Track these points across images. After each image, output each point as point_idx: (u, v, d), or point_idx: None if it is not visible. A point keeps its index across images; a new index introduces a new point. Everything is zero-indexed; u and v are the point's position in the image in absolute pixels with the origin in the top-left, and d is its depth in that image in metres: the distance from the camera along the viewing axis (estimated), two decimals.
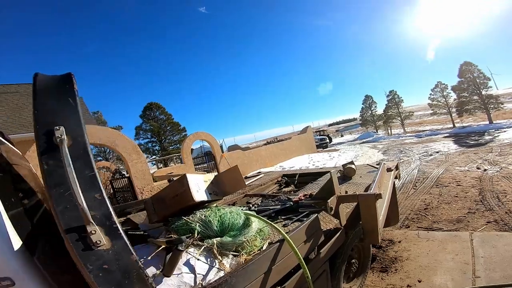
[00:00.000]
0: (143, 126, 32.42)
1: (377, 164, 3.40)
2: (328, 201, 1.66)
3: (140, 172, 6.06)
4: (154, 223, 1.96)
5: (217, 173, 4.21)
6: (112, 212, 0.85)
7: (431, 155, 10.40)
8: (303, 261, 1.41)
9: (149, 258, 1.25)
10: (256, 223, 1.61)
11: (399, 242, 3.39)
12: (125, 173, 7.87)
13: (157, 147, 32.86)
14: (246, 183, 4.02)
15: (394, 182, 2.95)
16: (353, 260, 2.27)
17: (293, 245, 1.38)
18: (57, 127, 0.84)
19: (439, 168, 7.56)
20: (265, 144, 19.82)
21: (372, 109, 36.29)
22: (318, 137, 26.58)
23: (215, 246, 1.41)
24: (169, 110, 33.96)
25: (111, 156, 23.63)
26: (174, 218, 1.71)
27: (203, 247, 1.40)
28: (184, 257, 1.30)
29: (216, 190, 1.80)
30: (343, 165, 3.12)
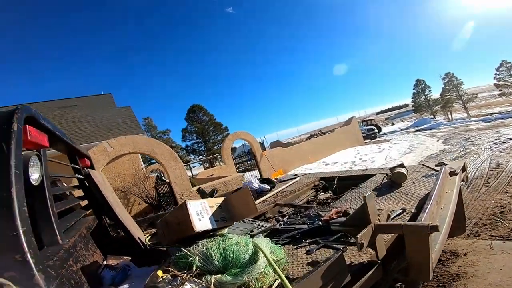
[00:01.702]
0: (188, 128, 34.11)
1: (436, 166, 2.77)
2: (358, 236, 1.26)
3: (178, 178, 6.16)
4: (167, 245, 1.80)
5: (259, 175, 3.94)
6: (36, 274, 0.70)
7: (505, 142, 8.70)
8: None
9: None
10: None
11: (465, 254, 2.72)
12: (166, 179, 8.16)
13: (202, 148, 34.30)
14: (281, 188, 3.71)
15: (460, 188, 2.33)
16: (398, 284, 1.81)
17: None
18: None
19: None
20: (308, 138, 19.10)
21: (426, 93, 32.88)
22: (365, 127, 24.76)
23: (212, 285, 1.16)
24: (211, 110, 35.18)
25: None
26: (179, 246, 1.52)
27: (198, 286, 1.16)
28: None
29: (225, 215, 1.54)
30: (391, 169, 2.59)
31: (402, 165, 2.55)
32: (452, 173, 2.38)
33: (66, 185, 2.07)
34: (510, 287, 2.07)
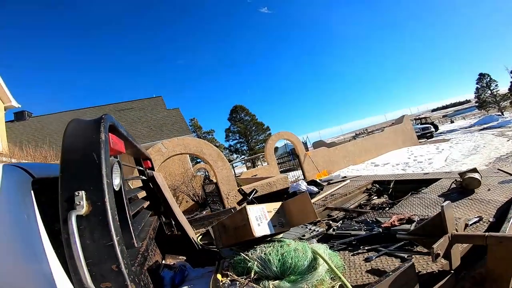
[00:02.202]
0: (231, 128, 35.08)
1: None
2: (434, 246, 1.14)
3: (225, 178, 6.35)
4: (222, 248, 1.85)
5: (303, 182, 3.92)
6: (129, 284, 0.70)
7: None
8: None
9: None
10: (325, 264, 1.26)
11: None
12: (213, 178, 8.48)
13: (245, 147, 34.99)
14: (330, 190, 3.58)
15: None
16: None
17: None
18: (77, 193, 0.72)
19: None
20: (353, 138, 18.21)
21: (492, 88, 29.11)
22: (419, 125, 22.69)
23: None
24: (252, 111, 35.74)
25: None
26: (236, 249, 1.55)
27: None
28: None
29: (282, 220, 1.52)
30: (461, 174, 2.31)
31: (475, 170, 2.26)
32: None
33: (131, 187, 2.27)
34: None
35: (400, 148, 15.13)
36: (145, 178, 1.98)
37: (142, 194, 2.18)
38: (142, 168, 1.94)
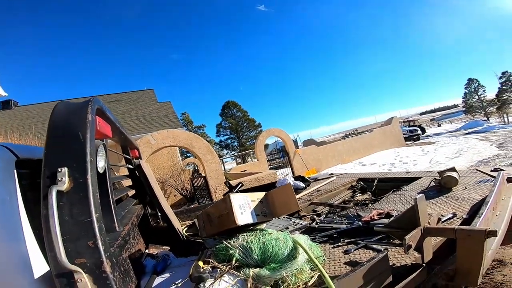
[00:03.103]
0: (223, 123, 34.97)
1: (492, 171, 2.52)
2: (407, 238, 1.20)
3: (214, 172, 6.35)
4: (205, 238, 1.87)
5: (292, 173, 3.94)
6: (105, 260, 0.72)
7: None
8: None
9: None
10: (304, 254, 1.30)
11: None
12: (202, 172, 8.46)
13: (235, 143, 34.96)
14: (316, 186, 3.65)
15: None
16: None
17: None
18: (60, 169, 0.74)
19: None
20: (343, 138, 18.49)
21: (479, 93, 30.03)
22: (407, 128, 23.23)
23: (250, 278, 1.18)
24: (245, 107, 35.67)
25: None
26: (219, 238, 1.58)
27: (236, 279, 1.20)
28: None
29: (266, 210, 1.56)
30: (440, 172, 2.41)
31: (453, 169, 2.36)
32: (510, 180, 2.16)
33: (116, 174, 2.25)
34: None
35: (388, 149, 15.45)
36: (132, 167, 1.98)
37: (129, 183, 2.18)
38: (129, 157, 1.94)
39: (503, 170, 2.43)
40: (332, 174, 4.35)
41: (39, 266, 0.83)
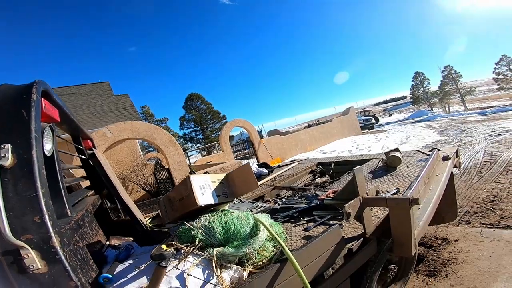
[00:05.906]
0: (186, 116, 33.98)
1: (429, 151, 2.85)
2: (346, 205, 1.33)
3: (177, 164, 6.20)
4: (169, 223, 1.86)
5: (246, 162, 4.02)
6: (53, 235, 0.71)
7: (500, 134, 8.86)
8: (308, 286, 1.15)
9: (135, 273, 1.11)
10: (266, 231, 1.37)
11: (456, 241, 2.83)
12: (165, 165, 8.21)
13: (200, 136, 34.29)
14: (279, 172, 3.78)
15: (452, 172, 2.41)
16: (391, 266, 1.90)
17: (298, 268, 1.12)
18: (4, 145, 0.72)
19: (511, 150, 6.35)
20: (306, 127, 19.18)
21: (424, 86, 33.11)
22: (363, 117, 24.90)
23: (214, 257, 1.22)
24: (209, 99, 35.02)
25: None
26: (182, 222, 1.58)
27: (200, 258, 1.22)
28: (179, 269, 1.15)
29: (226, 191, 1.60)
30: (386, 153, 2.66)
31: (397, 150, 2.62)
32: (445, 158, 2.45)
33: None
34: (499, 273, 2.16)
35: (346, 137, 16.43)
36: (85, 157, 1.87)
37: (82, 174, 2.06)
38: (80, 147, 1.83)
39: (439, 150, 2.77)
40: (294, 160, 4.54)
41: None
